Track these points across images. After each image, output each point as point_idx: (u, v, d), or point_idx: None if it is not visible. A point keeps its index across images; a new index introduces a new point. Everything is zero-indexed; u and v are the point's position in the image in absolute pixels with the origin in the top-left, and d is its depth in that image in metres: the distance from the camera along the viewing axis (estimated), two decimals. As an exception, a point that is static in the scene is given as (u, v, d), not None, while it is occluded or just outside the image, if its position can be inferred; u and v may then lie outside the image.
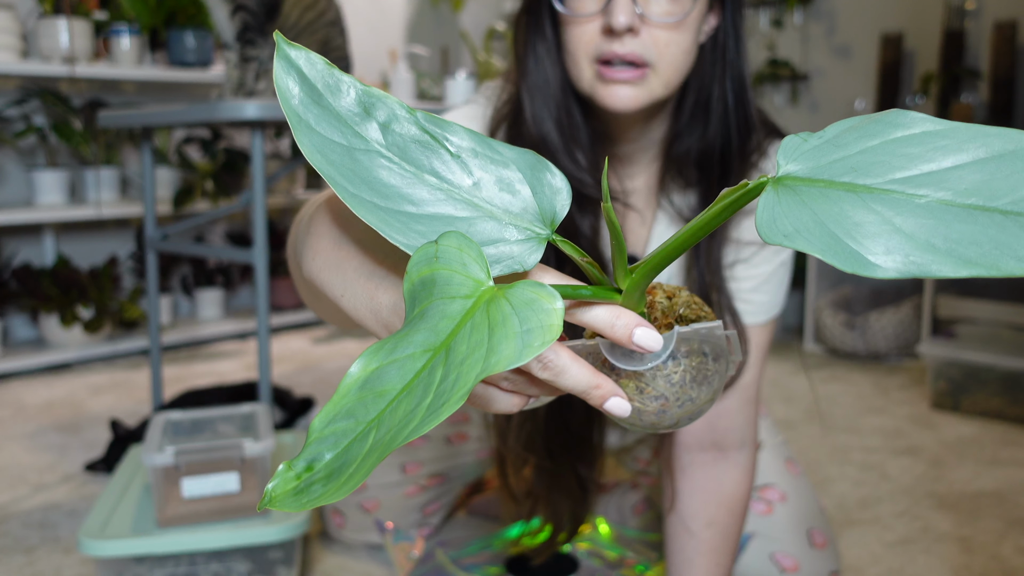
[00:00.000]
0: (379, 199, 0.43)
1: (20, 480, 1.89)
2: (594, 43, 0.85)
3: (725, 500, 0.99)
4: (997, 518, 1.66)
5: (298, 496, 0.38)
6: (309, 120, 0.44)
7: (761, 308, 0.97)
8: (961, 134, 0.38)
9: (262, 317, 1.80)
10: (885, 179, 0.39)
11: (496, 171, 0.44)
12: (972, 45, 2.98)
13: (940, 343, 2.37)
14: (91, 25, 2.81)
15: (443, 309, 0.39)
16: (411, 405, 0.38)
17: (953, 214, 0.37)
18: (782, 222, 0.39)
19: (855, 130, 0.40)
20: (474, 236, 0.43)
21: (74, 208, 2.80)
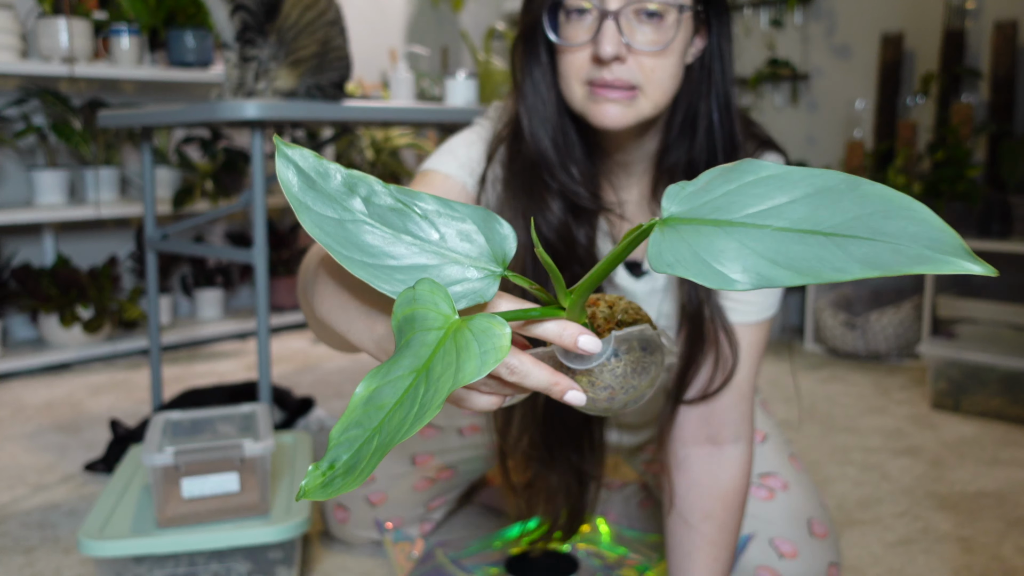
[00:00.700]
0: (367, 258, 0.55)
1: (19, 480, 1.89)
2: (585, 69, 0.92)
3: (722, 493, 1.01)
4: (998, 518, 1.66)
5: (324, 488, 0.49)
6: (307, 202, 0.55)
7: (752, 309, 1.01)
8: (794, 176, 0.49)
9: (262, 317, 1.80)
10: (741, 215, 0.49)
11: (456, 226, 0.56)
12: (972, 45, 2.98)
13: (940, 343, 2.37)
14: (91, 25, 2.81)
15: (422, 339, 0.51)
16: (403, 414, 0.49)
17: (790, 238, 0.48)
18: (666, 255, 0.50)
19: (719, 177, 0.50)
20: (444, 279, 0.54)
21: (74, 208, 2.80)
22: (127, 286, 3.21)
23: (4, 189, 2.96)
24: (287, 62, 1.83)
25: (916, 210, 0.46)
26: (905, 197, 0.46)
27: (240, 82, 1.79)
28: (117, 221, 3.21)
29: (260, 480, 1.35)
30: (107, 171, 2.93)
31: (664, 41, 0.89)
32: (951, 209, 2.77)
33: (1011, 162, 2.70)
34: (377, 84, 3.92)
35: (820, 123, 3.34)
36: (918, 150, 2.94)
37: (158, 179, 3.07)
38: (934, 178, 2.81)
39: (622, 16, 0.88)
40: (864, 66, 3.22)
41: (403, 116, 2.02)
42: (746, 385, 1.02)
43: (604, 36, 0.88)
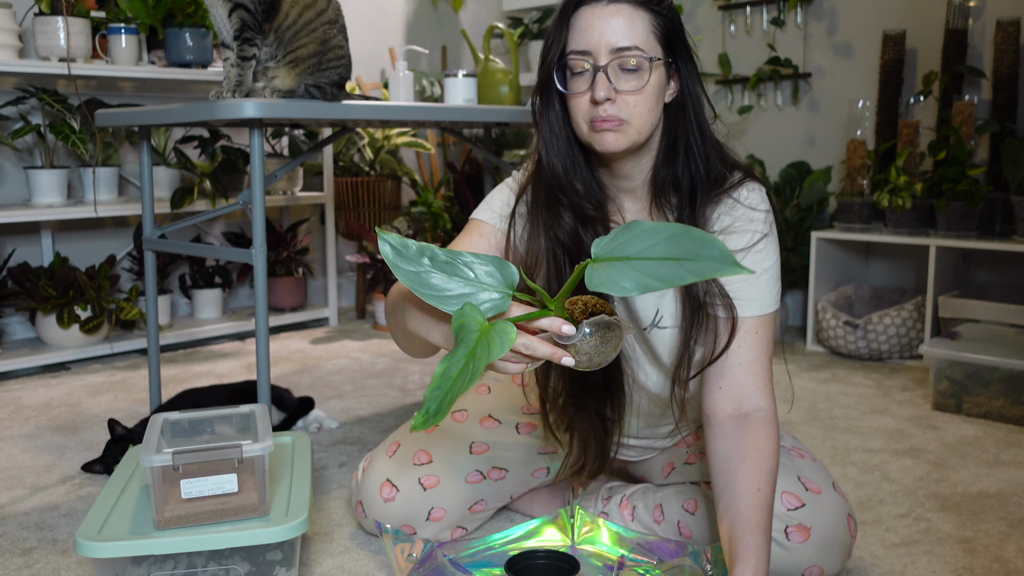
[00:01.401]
0: (434, 292, 0.99)
1: (17, 481, 1.88)
2: (586, 110, 1.24)
3: (754, 442, 1.22)
4: (999, 519, 1.65)
5: (424, 424, 0.92)
6: (398, 263, 0.99)
7: (752, 305, 1.27)
8: (658, 227, 0.91)
9: (261, 317, 1.80)
10: (631, 252, 0.92)
11: (484, 268, 1.00)
12: (974, 43, 2.97)
13: (942, 344, 2.36)
14: (89, 24, 2.80)
15: (469, 337, 0.93)
16: (462, 380, 0.91)
17: (656, 263, 0.90)
18: (594, 280, 0.93)
19: (622, 232, 0.93)
20: (478, 300, 0.98)
21: (72, 208, 2.79)
22: (125, 286, 3.21)
23: (2, 189, 2.95)
24: (286, 61, 1.82)
25: (714, 242, 0.88)
26: (708, 236, 0.88)
27: (239, 81, 1.78)
28: (115, 221, 3.20)
29: (259, 481, 1.34)
30: (105, 171, 2.92)
31: (640, 86, 1.21)
32: (952, 209, 2.77)
33: (1013, 161, 2.69)
34: (377, 83, 3.91)
35: (821, 122, 3.33)
36: (920, 149, 2.93)
37: (156, 179, 3.06)
38: (936, 177, 2.80)
39: (609, 69, 1.21)
40: (865, 65, 3.21)
41: (402, 115, 2.01)
42: (757, 364, 1.26)
43: (597, 85, 1.21)
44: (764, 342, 1.27)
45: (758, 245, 1.28)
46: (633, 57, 1.20)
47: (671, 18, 1.25)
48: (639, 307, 1.34)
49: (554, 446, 1.53)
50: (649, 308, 1.33)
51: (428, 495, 1.47)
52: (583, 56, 1.22)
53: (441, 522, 1.49)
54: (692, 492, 1.44)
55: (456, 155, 4.18)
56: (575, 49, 1.22)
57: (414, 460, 1.48)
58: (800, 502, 1.30)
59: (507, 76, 2.55)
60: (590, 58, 1.21)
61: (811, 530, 1.29)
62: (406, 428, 1.58)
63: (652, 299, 1.32)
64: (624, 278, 0.91)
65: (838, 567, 1.34)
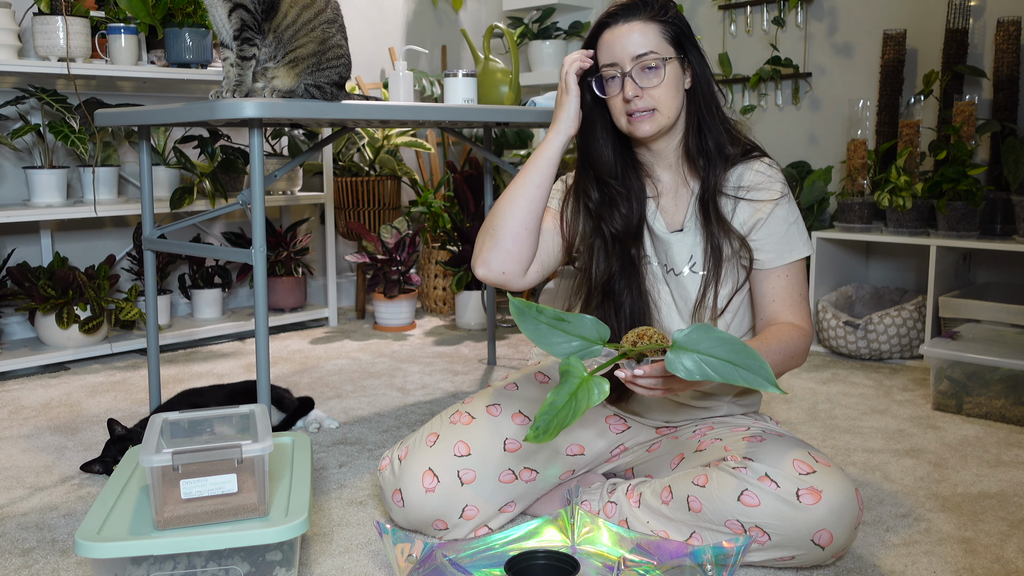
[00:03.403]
0: (545, 339, 1.27)
1: (17, 481, 1.88)
2: (621, 107, 1.51)
3: (775, 329, 1.50)
4: (1000, 520, 1.65)
5: (536, 437, 1.18)
6: (521, 321, 1.27)
7: (784, 254, 1.54)
8: (727, 340, 1.19)
9: (260, 317, 1.79)
10: (703, 348, 1.20)
11: (581, 323, 1.27)
12: (975, 43, 2.97)
13: (943, 344, 2.36)
14: (88, 23, 2.80)
15: (572, 381, 1.22)
16: (566, 412, 1.19)
17: (716, 361, 1.19)
18: (672, 359, 1.21)
19: (697, 330, 1.21)
20: (578, 348, 1.26)
21: (71, 207, 2.79)
22: (125, 286, 3.20)
23: (1, 188, 2.95)
24: (285, 61, 1.82)
25: (765, 364, 1.17)
26: (762, 359, 1.17)
27: (238, 81, 1.77)
28: (115, 221, 3.20)
29: (258, 481, 1.34)
30: (105, 170, 2.92)
31: (659, 81, 1.49)
32: (953, 209, 2.76)
33: (1014, 161, 2.69)
34: (376, 83, 3.91)
35: (822, 122, 3.33)
36: (920, 149, 2.93)
37: (156, 178, 3.06)
38: (936, 177, 2.80)
39: (633, 72, 1.49)
40: (866, 65, 3.21)
41: (402, 115, 2.01)
42: (789, 298, 1.53)
43: (626, 87, 1.49)
44: (794, 282, 1.54)
45: (781, 200, 1.53)
46: (650, 59, 1.47)
47: (678, 24, 1.53)
48: (675, 252, 1.57)
49: (580, 446, 1.63)
50: (684, 254, 1.57)
51: (465, 490, 1.50)
52: (612, 67, 1.50)
53: (473, 521, 1.52)
54: (702, 470, 1.45)
55: (456, 155, 4.18)
56: (605, 63, 1.51)
57: (455, 451, 1.53)
58: (811, 468, 1.37)
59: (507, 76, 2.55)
60: (618, 68, 1.49)
61: (822, 493, 1.34)
62: (441, 420, 1.61)
63: (687, 247, 1.57)
64: (691, 363, 1.19)
65: (846, 538, 1.37)
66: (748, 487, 1.36)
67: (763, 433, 1.48)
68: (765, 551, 1.37)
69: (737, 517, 1.36)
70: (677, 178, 1.60)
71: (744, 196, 1.54)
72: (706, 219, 1.54)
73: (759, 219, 1.52)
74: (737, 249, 1.54)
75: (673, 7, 1.54)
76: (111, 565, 1.28)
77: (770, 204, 1.53)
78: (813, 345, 3.05)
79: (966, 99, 2.82)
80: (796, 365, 1.50)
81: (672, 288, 1.58)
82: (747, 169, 1.55)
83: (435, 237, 3.74)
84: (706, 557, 1.30)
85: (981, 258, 3.02)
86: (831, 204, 3.27)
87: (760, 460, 1.39)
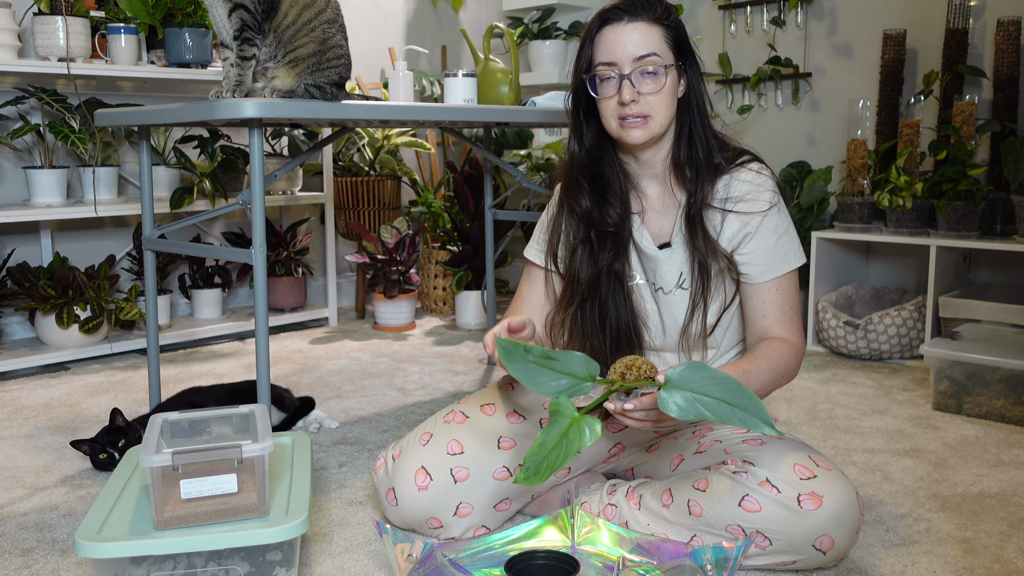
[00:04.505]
0: (533, 379, 1.22)
1: (17, 482, 1.88)
2: (615, 110, 1.47)
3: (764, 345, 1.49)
4: (1000, 520, 1.65)
5: (526, 480, 1.15)
6: (507, 361, 1.21)
7: (774, 268, 1.51)
8: (722, 378, 1.17)
9: (260, 317, 1.79)
10: (696, 386, 1.18)
11: (570, 360, 1.23)
12: (975, 43, 2.97)
13: (943, 344, 2.35)
14: (88, 23, 2.80)
15: (562, 421, 1.18)
16: (557, 453, 1.16)
17: (710, 400, 1.17)
18: (665, 398, 1.18)
19: (690, 368, 1.18)
20: (567, 386, 1.22)
21: (71, 207, 2.79)
22: (125, 286, 3.20)
23: (1, 188, 2.95)
24: (285, 61, 1.82)
25: (761, 405, 1.15)
26: (758, 399, 1.15)
27: (238, 81, 1.77)
28: (115, 221, 3.20)
29: (259, 481, 1.34)
30: (105, 170, 2.92)
31: (659, 88, 1.45)
32: (953, 209, 2.76)
33: (1014, 161, 2.69)
34: (376, 83, 3.91)
35: (822, 122, 3.33)
36: (920, 149, 2.93)
37: (156, 178, 3.06)
38: (936, 177, 2.80)
39: (632, 76, 1.44)
40: (866, 65, 3.21)
41: (402, 115, 2.01)
42: (780, 312, 1.51)
43: (624, 90, 1.44)
44: (785, 295, 1.52)
45: (770, 211, 1.50)
46: (652, 63, 1.44)
47: (679, 29, 1.49)
48: (665, 271, 1.54)
49: None
50: (673, 272, 1.54)
51: (459, 488, 1.49)
52: (609, 66, 1.45)
53: (468, 518, 1.51)
54: (702, 473, 1.45)
55: (456, 155, 4.18)
56: (602, 61, 1.46)
57: (448, 449, 1.52)
58: (812, 473, 1.36)
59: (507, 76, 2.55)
60: (615, 68, 1.45)
61: (823, 499, 1.33)
62: (435, 420, 1.60)
63: (676, 266, 1.54)
64: (686, 402, 1.17)
65: (847, 543, 1.37)
66: (749, 492, 1.36)
67: (763, 436, 1.47)
68: (766, 556, 1.37)
69: (738, 522, 1.36)
70: (664, 190, 1.57)
71: (732, 208, 1.50)
72: (692, 235, 1.51)
73: (748, 232, 1.50)
74: (724, 266, 1.51)
75: (675, 12, 1.50)
76: (111, 565, 1.28)
77: (759, 216, 1.49)
78: (813, 345, 3.05)
79: (966, 99, 2.82)
80: (786, 382, 1.49)
81: (660, 306, 1.56)
82: (734, 179, 1.51)
83: (435, 237, 3.74)
84: (706, 557, 1.30)
85: (981, 258, 3.02)
86: (831, 204, 3.27)
87: (760, 464, 1.38)
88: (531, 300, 1.66)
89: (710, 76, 3.50)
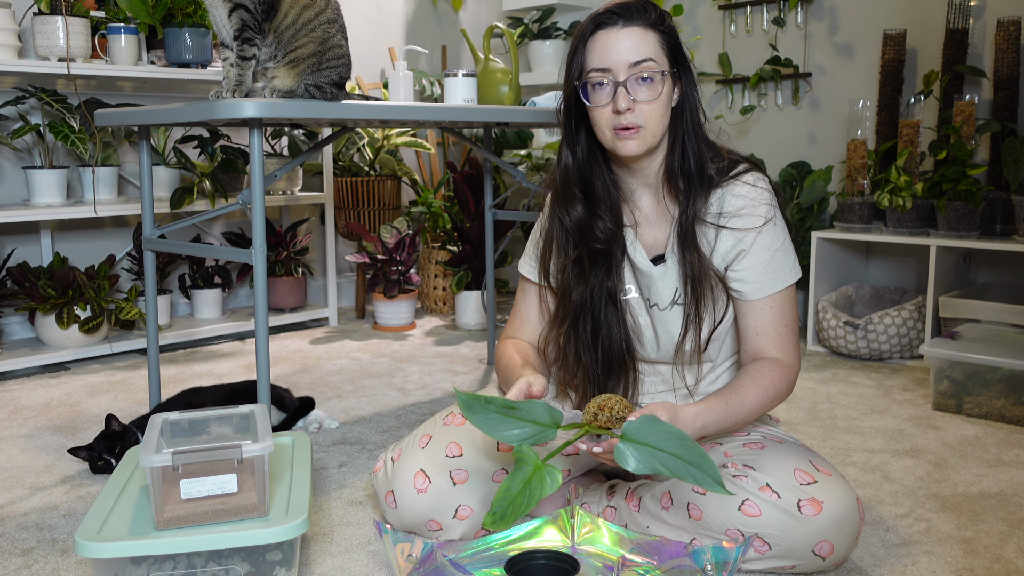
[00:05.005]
0: (498, 428, 1.28)
1: (17, 482, 1.88)
2: (609, 119, 1.42)
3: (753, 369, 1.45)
4: (1000, 520, 1.65)
5: (493, 524, 1.21)
6: (470, 413, 1.27)
7: (752, 288, 1.47)
8: (676, 435, 1.21)
9: (260, 317, 1.79)
10: (652, 441, 1.21)
11: (533, 409, 1.29)
12: (975, 43, 2.97)
13: (943, 344, 2.35)
14: (88, 23, 2.80)
15: (527, 469, 1.24)
16: (521, 500, 1.22)
17: (665, 455, 1.20)
18: (622, 451, 1.22)
19: (647, 423, 1.22)
20: (531, 434, 1.27)
21: (71, 207, 2.79)
22: (125, 286, 3.20)
23: (1, 188, 2.95)
24: (285, 61, 1.82)
25: (712, 463, 1.18)
26: (709, 457, 1.18)
27: (238, 81, 1.77)
28: (115, 221, 3.20)
29: (259, 481, 1.34)
30: (104, 170, 2.92)
31: (655, 95, 1.41)
32: (953, 209, 2.76)
33: (1014, 161, 2.69)
34: (376, 83, 3.91)
35: (822, 122, 3.33)
36: (920, 149, 2.93)
37: (156, 178, 3.06)
38: (936, 177, 2.80)
39: (628, 83, 1.39)
40: (866, 65, 3.21)
41: (402, 115, 2.01)
42: (774, 332, 1.47)
43: (619, 97, 1.39)
44: (779, 313, 1.48)
45: (765, 227, 1.46)
46: (648, 69, 1.39)
47: (673, 35, 1.45)
48: (660, 288, 1.51)
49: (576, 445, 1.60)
50: (669, 288, 1.51)
51: (458, 490, 1.48)
52: (603, 73, 1.40)
53: (467, 521, 1.50)
54: None
55: (456, 155, 4.18)
56: (595, 67, 1.41)
57: (447, 452, 1.51)
58: (812, 479, 1.36)
59: (507, 76, 2.55)
60: (610, 75, 1.40)
61: (823, 504, 1.33)
62: (434, 422, 1.60)
63: (672, 282, 1.50)
64: (641, 456, 1.20)
65: (847, 548, 1.37)
66: (749, 496, 1.35)
67: (763, 439, 1.47)
68: (766, 560, 1.37)
69: (737, 526, 1.35)
70: (657, 201, 1.53)
71: (726, 224, 1.46)
72: (684, 253, 1.47)
73: (742, 249, 1.46)
74: (716, 284, 1.48)
75: (669, 17, 1.46)
76: (111, 565, 1.28)
77: (753, 232, 1.45)
78: (813, 345, 3.05)
79: (966, 99, 2.82)
80: (778, 404, 1.47)
81: (654, 322, 1.52)
82: (728, 192, 1.46)
83: (435, 237, 3.74)
84: (706, 558, 1.30)
85: (981, 258, 3.02)
86: (831, 204, 3.27)
87: (761, 469, 1.37)
88: (531, 317, 1.65)
89: (710, 76, 3.50)
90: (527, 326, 1.65)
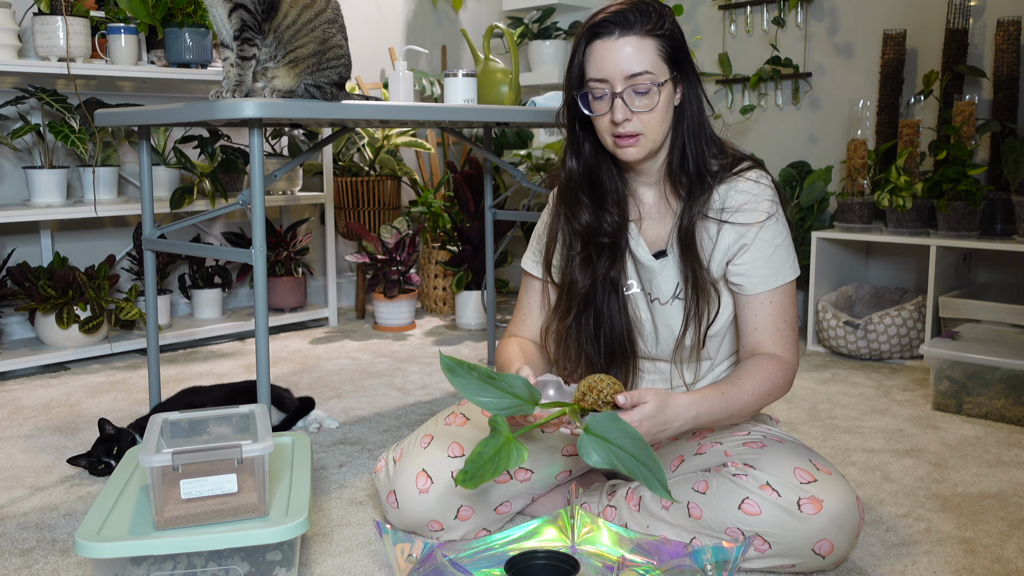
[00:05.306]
0: (480, 395, 1.29)
1: (17, 482, 1.88)
2: (609, 127, 1.44)
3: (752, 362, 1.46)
4: (1000, 520, 1.65)
5: (463, 483, 1.24)
6: (453, 377, 1.29)
7: (753, 282, 1.48)
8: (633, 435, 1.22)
9: (260, 317, 1.79)
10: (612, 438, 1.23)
11: (512, 382, 1.30)
12: (975, 43, 2.97)
13: (942, 344, 2.36)
14: (88, 23, 2.80)
15: (499, 438, 1.28)
16: (491, 466, 1.26)
17: (623, 453, 1.22)
18: (584, 444, 1.24)
19: (610, 420, 1.24)
20: (509, 406, 1.29)
21: (71, 207, 2.79)
22: (125, 286, 3.20)
23: (1, 188, 2.95)
24: (285, 61, 1.82)
25: (660, 466, 1.20)
26: (657, 459, 1.20)
27: (238, 81, 1.77)
28: (115, 221, 3.20)
29: (259, 481, 1.34)
30: (104, 170, 2.92)
31: (652, 105, 1.42)
32: (953, 209, 2.76)
33: (1014, 161, 2.69)
34: (376, 83, 3.91)
35: (822, 122, 3.33)
36: (920, 149, 2.93)
37: (156, 178, 3.06)
38: (936, 177, 2.80)
39: (625, 94, 1.40)
40: (866, 65, 3.21)
41: (402, 115, 2.01)
42: (773, 327, 1.48)
43: (616, 108, 1.41)
44: (779, 308, 1.48)
45: (767, 222, 1.46)
46: (644, 82, 1.39)
47: (674, 36, 1.43)
48: (662, 281, 1.52)
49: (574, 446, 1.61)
50: (671, 282, 1.52)
51: (459, 490, 1.49)
52: (600, 83, 1.42)
53: (468, 521, 1.51)
54: (702, 476, 1.45)
55: (456, 155, 4.18)
56: (594, 77, 1.42)
57: (448, 452, 1.51)
58: (812, 477, 1.36)
59: (507, 76, 2.55)
60: (607, 85, 1.41)
61: (823, 503, 1.33)
62: (436, 422, 1.60)
63: (672, 275, 1.52)
64: (601, 450, 1.22)
65: (846, 547, 1.37)
66: (749, 495, 1.35)
67: (763, 439, 1.47)
68: (765, 559, 1.37)
69: (737, 525, 1.36)
70: (660, 196, 1.55)
71: (728, 219, 1.47)
72: (685, 251, 1.48)
73: (744, 244, 1.47)
74: (715, 280, 1.49)
75: (670, 16, 1.44)
76: (111, 565, 1.28)
77: (756, 227, 1.46)
78: (813, 345, 3.05)
79: (966, 99, 2.82)
80: (775, 399, 1.47)
81: (655, 316, 1.53)
82: (732, 188, 1.48)
83: (435, 237, 3.74)
84: (706, 558, 1.30)
85: (981, 258, 3.02)
86: (831, 204, 3.27)
87: (761, 468, 1.38)
88: (534, 313, 1.65)
89: (710, 76, 3.50)
90: (530, 322, 1.65)
